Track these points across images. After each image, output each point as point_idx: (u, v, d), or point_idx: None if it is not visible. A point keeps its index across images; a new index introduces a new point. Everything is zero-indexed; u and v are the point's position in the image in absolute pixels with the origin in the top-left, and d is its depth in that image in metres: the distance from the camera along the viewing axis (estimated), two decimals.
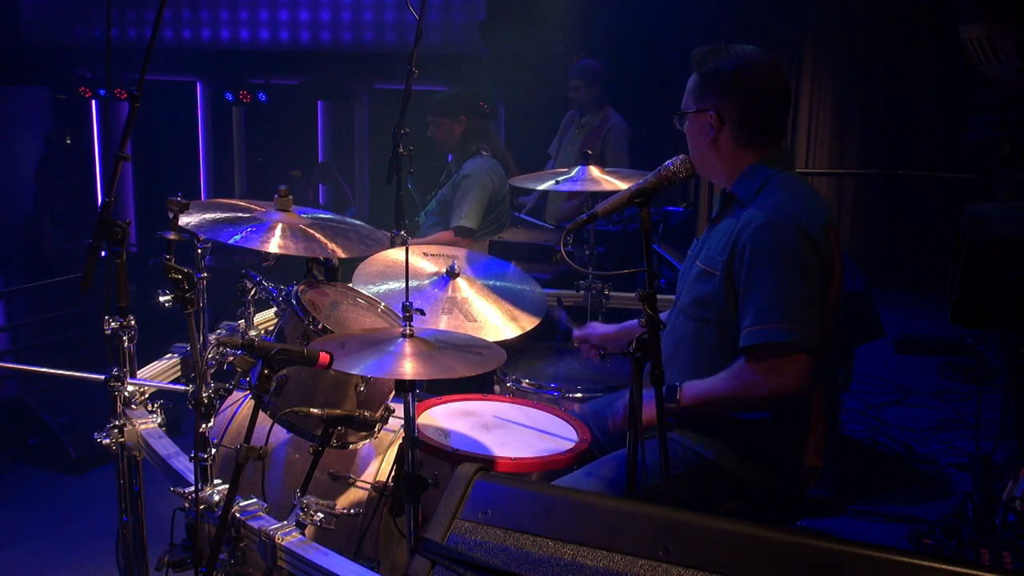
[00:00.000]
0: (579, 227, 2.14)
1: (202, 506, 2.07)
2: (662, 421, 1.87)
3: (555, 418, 2.57)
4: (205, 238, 2.46)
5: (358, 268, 2.80)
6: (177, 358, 2.90)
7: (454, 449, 2.29)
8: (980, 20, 3.61)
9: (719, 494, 2.25)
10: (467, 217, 4.32)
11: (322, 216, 2.61)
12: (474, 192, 4.35)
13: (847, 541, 1.26)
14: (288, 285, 2.60)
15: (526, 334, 2.74)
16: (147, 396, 2.59)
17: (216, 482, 2.13)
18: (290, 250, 2.38)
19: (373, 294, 2.70)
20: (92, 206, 8.20)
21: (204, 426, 2.10)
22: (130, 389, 2.48)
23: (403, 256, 2.26)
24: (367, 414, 2.33)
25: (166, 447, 2.38)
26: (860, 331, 3.93)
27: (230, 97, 7.67)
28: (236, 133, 8.20)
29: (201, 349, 2.54)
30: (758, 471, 2.24)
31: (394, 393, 2.43)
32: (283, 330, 2.47)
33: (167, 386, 2.67)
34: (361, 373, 2.20)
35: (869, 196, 7.47)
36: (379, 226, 2.84)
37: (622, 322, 2.81)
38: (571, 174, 3.29)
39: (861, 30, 7.14)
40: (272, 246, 2.35)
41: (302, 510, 2.09)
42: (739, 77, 2.22)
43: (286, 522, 2.04)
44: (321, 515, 2.10)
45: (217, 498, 2.08)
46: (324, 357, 1.93)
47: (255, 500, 2.12)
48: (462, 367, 2.04)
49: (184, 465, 2.27)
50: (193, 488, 2.09)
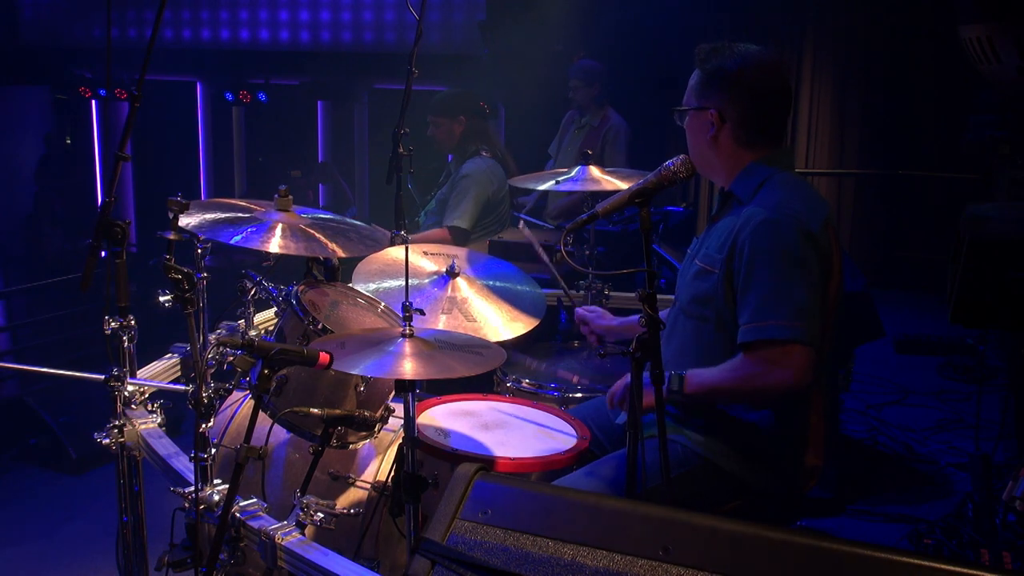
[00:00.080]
0: (579, 227, 2.12)
1: (202, 506, 2.07)
2: (662, 422, 1.87)
3: (555, 418, 2.56)
4: (205, 238, 2.46)
5: (358, 266, 2.80)
6: (177, 358, 2.90)
7: (454, 449, 2.28)
8: (980, 20, 3.61)
9: (719, 494, 2.25)
10: (462, 217, 4.32)
11: (322, 216, 2.61)
12: (471, 193, 4.35)
13: (847, 541, 1.26)
14: (288, 285, 2.60)
15: (526, 334, 2.74)
16: (147, 396, 2.59)
17: (216, 482, 2.13)
18: (290, 250, 2.37)
19: (372, 292, 2.70)
20: (92, 206, 8.18)
21: (204, 426, 2.11)
22: (130, 389, 2.48)
23: (402, 254, 2.26)
24: (367, 414, 2.33)
25: (166, 447, 2.38)
26: (860, 331, 3.93)
27: (230, 97, 7.66)
28: (236, 133, 8.19)
29: (201, 349, 2.54)
30: (758, 471, 2.24)
31: (394, 393, 2.43)
32: (283, 330, 2.47)
33: (167, 386, 2.67)
34: (361, 373, 2.20)
35: (869, 196, 7.47)
36: (379, 226, 2.84)
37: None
38: (571, 174, 3.29)
39: (861, 30, 7.14)
40: (272, 246, 2.35)
41: (302, 510, 2.09)
42: (742, 77, 2.22)
43: (286, 522, 2.04)
44: (321, 515, 2.10)
45: (217, 498, 2.08)
46: (324, 357, 1.92)
47: (255, 500, 2.12)
48: (462, 367, 2.04)
49: (184, 465, 2.27)
50: (193, 488, 2.09)
